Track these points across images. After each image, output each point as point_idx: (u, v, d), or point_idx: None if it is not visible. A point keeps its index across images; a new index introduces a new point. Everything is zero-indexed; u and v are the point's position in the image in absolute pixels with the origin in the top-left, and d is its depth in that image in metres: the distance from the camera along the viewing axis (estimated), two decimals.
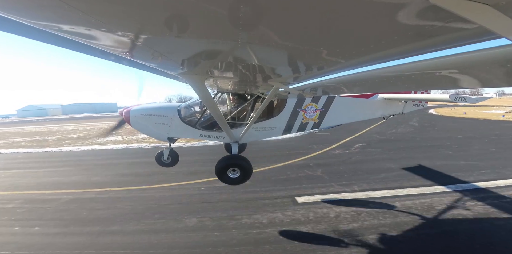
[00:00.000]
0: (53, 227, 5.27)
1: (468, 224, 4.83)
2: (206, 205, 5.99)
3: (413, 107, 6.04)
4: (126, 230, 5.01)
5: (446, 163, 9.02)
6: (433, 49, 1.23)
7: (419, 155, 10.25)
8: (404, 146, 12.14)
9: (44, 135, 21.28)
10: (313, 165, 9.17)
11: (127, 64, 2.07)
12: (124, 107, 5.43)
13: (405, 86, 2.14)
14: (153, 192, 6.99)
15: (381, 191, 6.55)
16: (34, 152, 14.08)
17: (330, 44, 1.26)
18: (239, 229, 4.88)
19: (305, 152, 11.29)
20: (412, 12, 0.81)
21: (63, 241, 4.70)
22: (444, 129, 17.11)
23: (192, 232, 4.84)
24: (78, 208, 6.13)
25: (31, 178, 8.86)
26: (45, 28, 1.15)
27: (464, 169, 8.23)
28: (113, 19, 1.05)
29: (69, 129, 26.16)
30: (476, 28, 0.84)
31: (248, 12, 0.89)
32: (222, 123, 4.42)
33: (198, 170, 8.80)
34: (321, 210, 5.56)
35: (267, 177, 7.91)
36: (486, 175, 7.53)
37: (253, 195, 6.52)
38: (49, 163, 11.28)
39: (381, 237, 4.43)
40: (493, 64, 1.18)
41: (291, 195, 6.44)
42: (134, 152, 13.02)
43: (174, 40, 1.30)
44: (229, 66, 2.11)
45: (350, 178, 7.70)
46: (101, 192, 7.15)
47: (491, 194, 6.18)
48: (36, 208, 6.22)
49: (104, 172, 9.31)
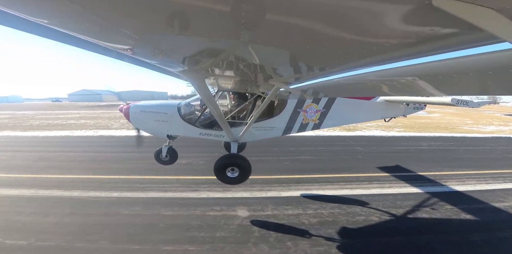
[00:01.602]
0: None
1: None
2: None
3: (414, 110, 6.04)
4: None
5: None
6: (436, 52, 1.23)
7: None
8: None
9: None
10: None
11: (128, 61, 2.06)
12: (124, 104, 5.42)
13: (405, 91, 2.13)
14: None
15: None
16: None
17: (332, 45, 1.25)
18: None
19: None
20: (416, 14, 0.81)
21: None
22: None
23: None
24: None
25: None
26: (47, 24, 1.15)
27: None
28: (114, 16, 1.04)
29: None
30: (479, 32, 0.83)
31: (250, 11, 0.89)
32: (222, 122, 4.42)
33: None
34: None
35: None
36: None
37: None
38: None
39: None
40: (495, 69, 1.17)
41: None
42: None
43: (176, 38, 1.30)
44: (230, 65, 2.10)
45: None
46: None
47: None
48: None
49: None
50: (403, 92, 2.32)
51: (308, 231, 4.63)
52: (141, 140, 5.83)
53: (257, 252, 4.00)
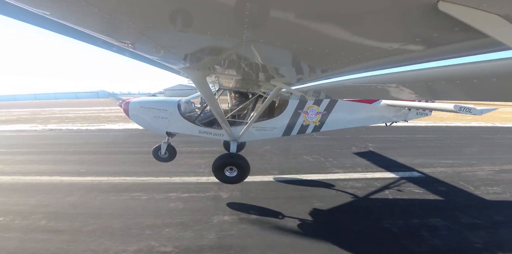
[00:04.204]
0: None
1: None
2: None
3: (417, 115, 6.00)
4: None
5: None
6: (440, 58, 1.21)
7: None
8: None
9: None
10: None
11: (129, 56, 2.05)
12: (124, 99, 5.41)
13: (407, 95, 2.12)
14: None
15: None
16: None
17: (335, 47, 1.24)
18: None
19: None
20: (421, 18, 0.79)
21: None
22: None
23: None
24: None
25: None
26: (49, 16, 1.14)
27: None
28: (116, 10, 1.03)
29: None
30: (484, 38, 0.82)
31: (254, 10, 0.88)
32: (222, 121, 4.41)
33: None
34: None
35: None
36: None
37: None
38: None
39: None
40: (500, 77, 1.16)
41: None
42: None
43: (178, 34, 1.29)
44: (232, 64, 2.09)
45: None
46: None
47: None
48: None
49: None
50: (405, 97, 2.30)
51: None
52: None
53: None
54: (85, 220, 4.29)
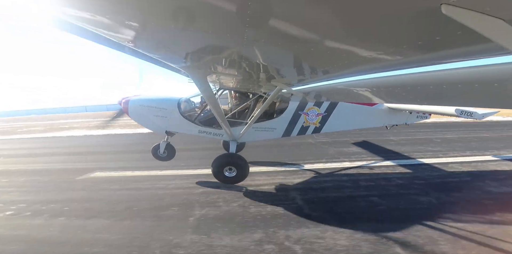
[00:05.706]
0: None
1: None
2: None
3: (417, 118, 5.98)
4: None
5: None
6: (443, 61, 1.21)
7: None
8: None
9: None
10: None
11: (129, 54, 2.05)
12: (123, 97, 5.39)
13: (408, 99, 2.10)
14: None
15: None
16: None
17: (337, 49, 1.23)
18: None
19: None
20: (423, 21, 0.79)
21: None
22: None
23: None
24: None
25: None
26: (50, 12, 1.13)
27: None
28: (118, 7, 1.03)
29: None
30: (488, 42, 0.81)
31: (256, 9, 0.87)
32: (222, 121, 4.39)
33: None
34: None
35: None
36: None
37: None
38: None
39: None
40: (502, 82, 1.15)
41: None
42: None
43: (179, 33, 1.28)
44: (233, 63, 2.08)
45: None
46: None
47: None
48: None
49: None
50: (406, 100, 2.29)
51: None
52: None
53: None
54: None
